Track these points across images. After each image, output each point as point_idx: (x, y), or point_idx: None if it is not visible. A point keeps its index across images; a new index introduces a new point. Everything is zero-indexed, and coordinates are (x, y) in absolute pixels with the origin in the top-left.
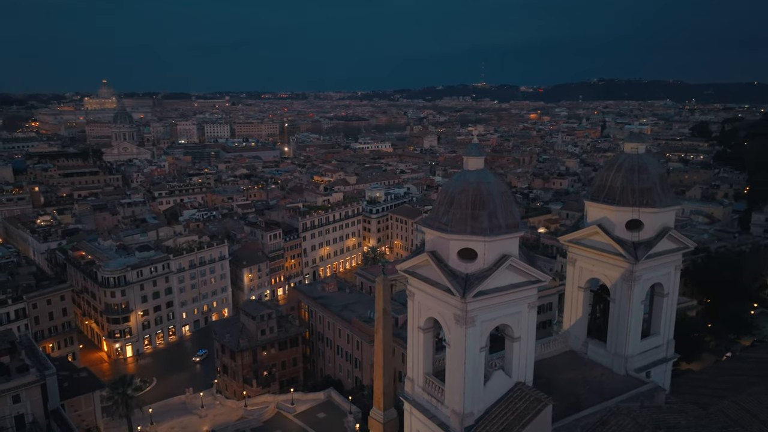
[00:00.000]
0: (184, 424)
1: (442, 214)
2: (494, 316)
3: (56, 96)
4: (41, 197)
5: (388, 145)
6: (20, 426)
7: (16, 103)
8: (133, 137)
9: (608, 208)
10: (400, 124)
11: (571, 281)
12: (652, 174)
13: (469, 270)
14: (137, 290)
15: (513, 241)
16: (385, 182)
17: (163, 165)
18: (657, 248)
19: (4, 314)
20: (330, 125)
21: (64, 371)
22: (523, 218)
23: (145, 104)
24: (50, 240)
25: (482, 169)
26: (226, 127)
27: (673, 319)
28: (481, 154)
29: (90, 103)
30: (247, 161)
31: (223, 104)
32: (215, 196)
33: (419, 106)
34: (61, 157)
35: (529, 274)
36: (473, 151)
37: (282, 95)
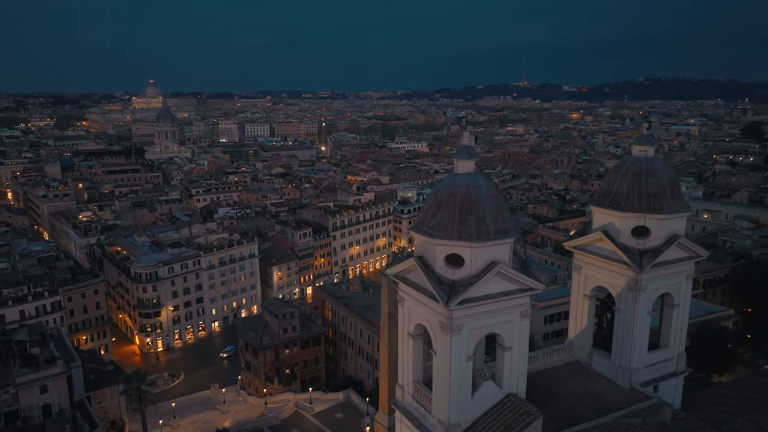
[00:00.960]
0: (206, 419)
1: (430, 218)
2: (482, 325)
3: (106, 95)
4: (85, 193)
5: (424, 145)
6: (47, 415)
7: (69, 103)
8: (174, 136)
9: (613, 214)
10: (438, 124)
11: (576, 289)
12: (661, 178)
13: (456, 276)
14: (168, 286)
15: (503, 247)
16: (419, 182)
17: (202, 163)
18: (664, 256)
19: (41, 306)
20: (368, 125)
21: (91, 363)
22: (556, 220)
23: (189, 104)
24: (90, 235)
25: (473, 172)
26: (266, 126)
27: (684, 331)
28: (471, 156)
29: (137, 102)
30: (283, 160)
31: (265, 104)
32: (250, 195)
33: (459, 106)
34: (105, 154)
35: (521, 282)
36: (463, 153)
37: (322, 95)
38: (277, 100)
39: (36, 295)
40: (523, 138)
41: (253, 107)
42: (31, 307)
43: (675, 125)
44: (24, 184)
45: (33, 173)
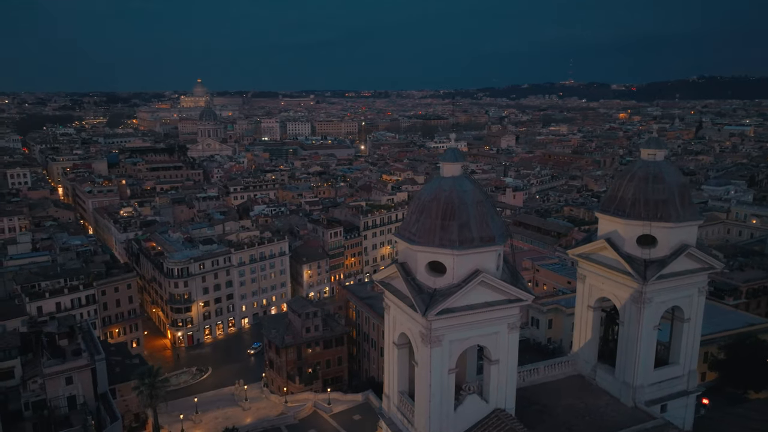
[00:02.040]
0: (228, 415)
1: (413, 224)
2: (466, 336)
3: (156, 95)
4: (128, 189)
5: (463, 145)
6: (72, 406)
7: (121, 102)
8: (216, 134)
9: (618, 221)
10: (479, 123)
11: (581, 299)
12: (669, 184)
13: (437, 285)
14: (199, 282)
15: (488, 255)
16: None
17: (242, 161)
18: (672, 268)
19: (76, 299)
20: (408, 124)
21: (117, 357)
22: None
23: (235, 102)
24: (129, 230)
25: (459, 176)
26: (307, 124)
27: (696, 347)
28: (457, 159)
29: (185, 101)
30: (321, 159)
31: (308, 102)
32: (286, 193)
33: (502, 105)
34: (149, 152)
35: (508, 292)
36: (449, 156)
37: (365, 93)
38: (320, 99)
39: (71, 288)
40: (566, 138)
41: (296, 106)
42: (67, 300)
43: (729, 125)
44: (72, 179)
45: (81, 169)
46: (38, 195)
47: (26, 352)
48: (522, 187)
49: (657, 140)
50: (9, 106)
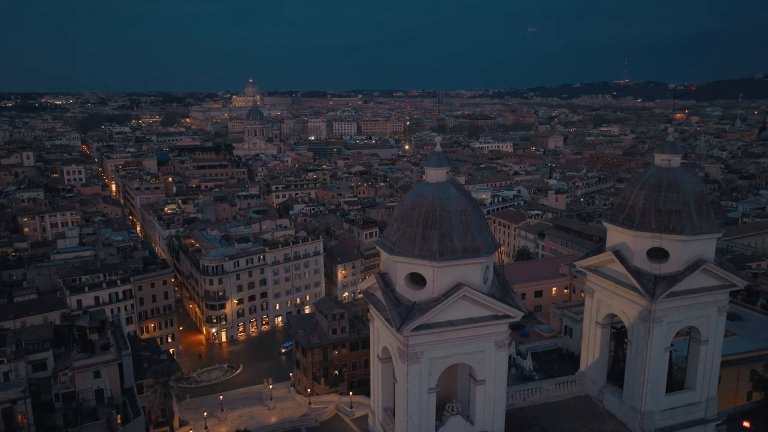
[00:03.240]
0: (253, 414)
1: (394, 232)
2: (447, 354)
3: (210, 94)
4: (174, 187)
5: (509, 145)
6: (99, 399)
7: (176, 101)
8: (263, 133)
9: (626, 233)
10: (527, 123)
11: (589, 315)
12: (684, 193)
13: (417, 298)
14: (233, 279)
15: (472, 267)
16: (496, 184)
17: (285, 160)
18: (685, 284)
19: (114, 294)
20: (454, 123)
21: (146, 352)
22: None
23: (284, 102)
24: (172, 227)
25: (444, 182)
26: (353, 124)
27: (715, 371)
28: (442, 164)
29: (237, 100)
30: (364, 158)
31: (356, 102)
32: (326, 192)
33: (553, 105)
34: (197, 150)
35: (494, 308)
36: (433, 160)
37: (413, 93)
38: (368, 99)
39: (110, 282)
40: (617, 139)
41: (344, 105)
42: (105, 294)
43: None
44: (123, 176)
45: (132, 167)
46: (90, 191)
47: (60, 345)
48: (566, 189)
49: (672, 144)
50: (73, 106)
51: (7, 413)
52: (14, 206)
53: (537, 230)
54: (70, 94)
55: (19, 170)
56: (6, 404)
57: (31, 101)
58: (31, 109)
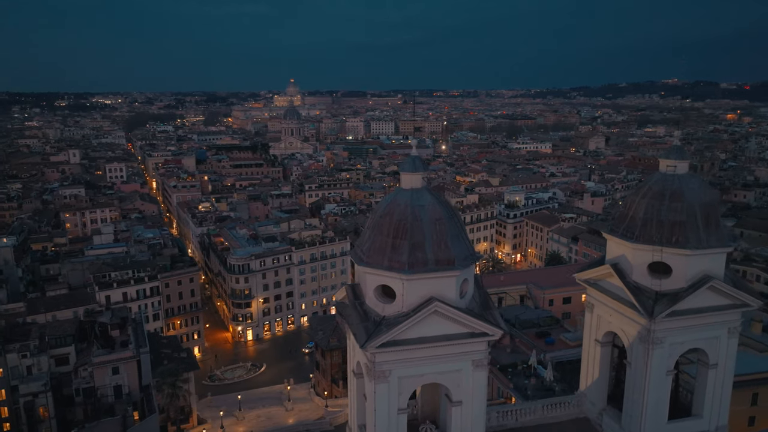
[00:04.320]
0: (271, 415)
1: (365, 241)
2: (419, 373)
3: (252, 94)
4: (209, 185)
5: (547, 146)
6: (118, 395)
7: (219, 101)
8: (300, 133)
9: (626, 245)
10: (568, 124)
11: (588, 332)
12: (689, 203)
13: (386, 312)
14: (259, 278)
15: (446, 281)
16: (531, 185)
17: (321, 159)
18: (689, 303)
19: (141, 290)
20: (493, 123)
21: (167, 350)
22: None
23: (324, 102)
24: (204, 225)
25: (419, 188)
26: (390, 124)
27: (726, 398)
28: (417, 169)
29: (278, 100)
30: (399, 158)
31: (396, 102)
32: (358, 192)
33: (596, 105)
34: (235, 149)
35: (470, 325)
36: (408, 165)
37: (453, 93)
38: (408, 99)
39: (137, 279)
40: (662, 140)
41: (383, 105)
42: (133, 291)
43: None
44: (162, 174)
45: (171, 165)
46: (130, 188)
47: (83, 341)
48: (603, 192)
49: (678, 149)
50: (121, 105)
51: (28, 406)
52: (57, 202)
53: (570, 234)
54: (119, 94)
55: (65, 167)
56: (28, 397)
57: (83, 101)
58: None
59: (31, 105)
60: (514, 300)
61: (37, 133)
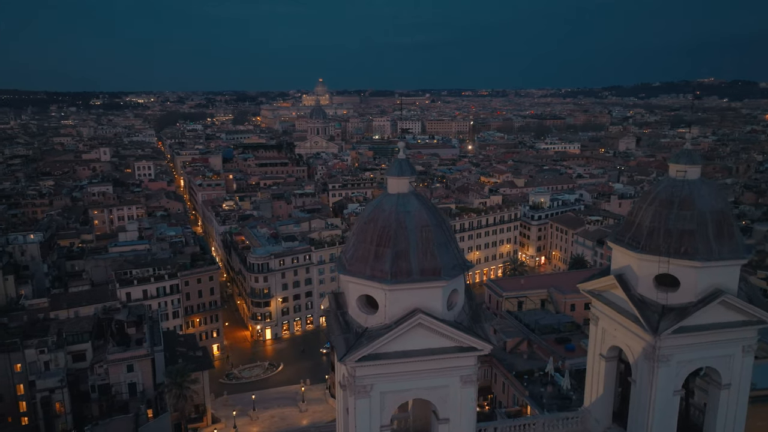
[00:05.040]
0: (284, 415)
1: (350, 248)
2: (404, 388)
3: (282, 93)
4: (234, 184)
5: (576, 146)
6: (132, 393)
7: (248, 100)
8: (326, 132)
9: (631, 255)
10: (599, 124)
11: (593, 346)
12: (700, 210)
13: (369, 323)
14: (279, 278)
15: (432, 292)
16: (557, 187)
17: (345, 159)
18: (698, 318)
19: (161, 288)
20: (521, 123)
21: (182, 348)
22: None
23: (352, 101)
24: (227, 223)
25: (406, 193)
26: (417, 123)
27: (741, 420)
28: (404, 173)
29: (307, 99)
30: (424, 158)
31: (423, 101)
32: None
33: (628, 105)
34: (261, 148)
35: (458, 339)
36: (394, 169)
37: (482, 92)
38: (436, 98)
39: (157, 277)
40: (696, 141)
41: (411, 104)
42: (153, 288)
43: None
44: (189, 172)
45: (198, 163)
46: (156, 186)
47: (100, 337)
48: (632, 194)
49: (689, 153)
50: (154, 104)
51: (45, 401)
52: (86, 199)
53: (596, 237)
54: (152, 93)
55: (96, 165)
56: (44, 392)
57: (117, 100)
58: (116, 108)
59: (68, 104)
60: (535, 304)
61: (71, 132)
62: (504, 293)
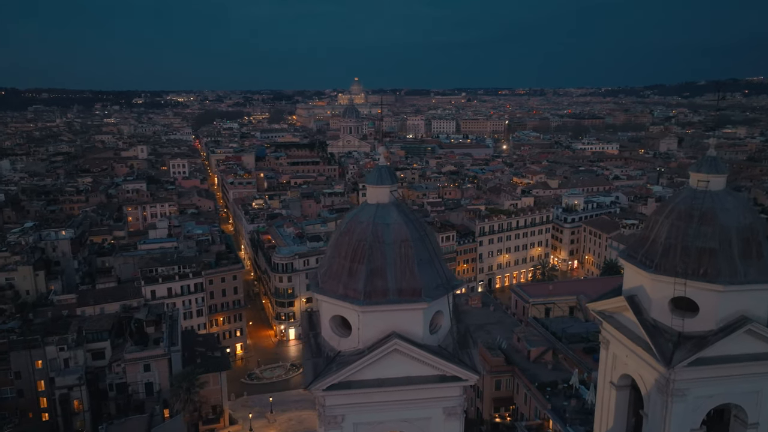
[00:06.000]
0: (302, 418)
1: (325, 263)
2: (379, 419)
3: (318, 92)
4: (265, 182)
5: (614, 147)
6: (149, 392)
7: (285, 99)
8: (358, 131)
9: (643, 275)
10: (639, 124)
11: (603, 372)
12: (724, 226)
13: (342, 347)
14: (303, 278)
15: (411, 314)
16: (593, 188)
17: (377, 158)
18: (719, 349)
19: (186, 286)
20: (558, 123)
21: (201, 348)
22: None
23: (388, 100)
24: (256, 222)
25: (385, 203)
26: (452, 122)
27: None
28: (384, 181)
29: (342, 98)
30: (457, 158)
31: (459, 100)
32: (411, 192)
33: (671, 104)
34: (293, 147)
35: (441, 368)
36: (374, 176)
37: (519, 91)
38: (472, 97)
39: (182, 275)
40: (742, 142)
41: (446, 103)
42: (177, 286)
43: None
44: (222, 171)
45: (231, 161)
46: (189, 184)
47: (121, 336)
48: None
49: (713, 161)
50: (193, 103)
51: (63, 399)
52: (120, 197)
53: (631, 242)
54: (192, 92)
55: (134, 162)
56: (63, 390)
57: (158, 98)
58: (157, 106)
59: (112, 103)
60: (563, 311)
61: (112, 130)
62: (531, 299)
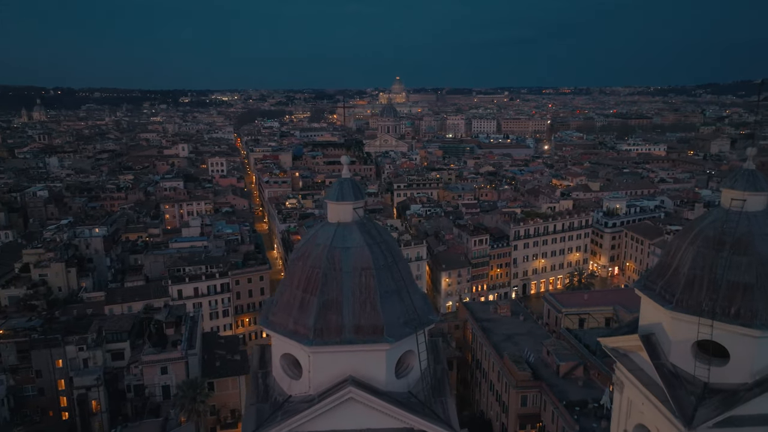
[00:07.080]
0: None
1: (279, 293)
2: None
3: (359, 92)
4: (300, 181)
5: (662, 148)
6: (166, 395)
7: (326, 98)
8: (396, 130)
9: (661, 311)
10: (689, 124)
11: (617, 418)
12: (763, 255)
13: (293, 390)
14: None
15: (372, 356)
16: (636, 192)
17: (414, 158)
18: (753, 407)
19: (212, 286)
20: (603, 123)
21: (221, 351)
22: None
23: (428, 99)
24: (288, 222)
25: (349, 222)
26: (492, 122)
27: None
28: (346, 197)
29: (382, 98)
30: (496, 158)
31: (501, 99)
32: (447, 193)
33: (725, 104)
34: (330, 146)
35: (404, 421)
36: (334, 192)
37: (564, 90)
38: (515, 96)
39: (209, 275)
40: None
41: (488, 103)
42: (204, 286)
43: None
44: (260, 169)
45: (269, 160)
46: (226, 182)
47: (141, 336)
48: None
49: (752, 175)
50: (236, 102)
51: (81, 399)
52: (158, 194)
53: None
54: (236, 91)
55: (175, 160)
56: (81, 390)
57: (203, 97)
58: (202, 105)
59: (159, 101)
60: (598, 322)
61: (158, 128)
62: (564, 309)
